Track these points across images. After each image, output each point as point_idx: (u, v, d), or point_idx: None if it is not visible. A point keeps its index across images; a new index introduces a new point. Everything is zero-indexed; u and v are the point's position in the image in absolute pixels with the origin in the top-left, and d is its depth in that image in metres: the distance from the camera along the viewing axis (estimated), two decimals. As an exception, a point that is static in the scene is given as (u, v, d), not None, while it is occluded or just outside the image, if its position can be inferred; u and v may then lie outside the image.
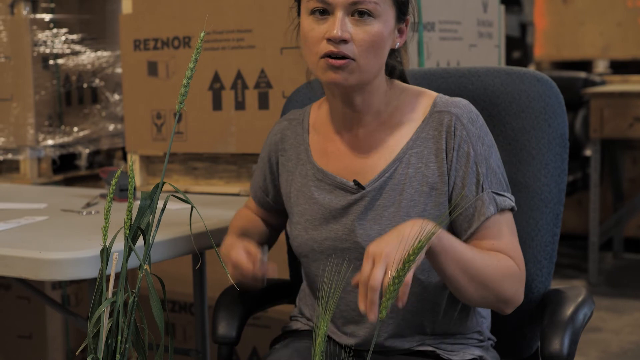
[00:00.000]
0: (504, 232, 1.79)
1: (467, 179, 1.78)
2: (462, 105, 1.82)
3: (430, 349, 1.86)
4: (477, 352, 1.88)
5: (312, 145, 1.94)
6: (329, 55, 1.74)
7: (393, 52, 1.86)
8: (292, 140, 1.98)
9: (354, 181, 1.84)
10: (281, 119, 2.04)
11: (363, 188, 1.83)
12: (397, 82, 1.89)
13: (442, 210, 1.80)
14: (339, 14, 1.73)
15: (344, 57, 1.74)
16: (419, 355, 1.86)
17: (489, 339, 1.95)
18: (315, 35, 1.76)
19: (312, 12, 1.77)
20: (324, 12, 1.75)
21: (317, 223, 1.88)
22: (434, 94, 1.87)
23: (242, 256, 1.87)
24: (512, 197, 1.82)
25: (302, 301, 2.04)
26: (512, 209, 1.81)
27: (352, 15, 1.74)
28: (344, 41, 1.73)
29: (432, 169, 1.80)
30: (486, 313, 1.96)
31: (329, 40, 1.73)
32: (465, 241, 1.78)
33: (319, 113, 1.97)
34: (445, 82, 2.12)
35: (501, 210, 1.78)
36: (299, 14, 1.86)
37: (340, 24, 1.73)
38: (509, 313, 1.81)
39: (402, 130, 1.84)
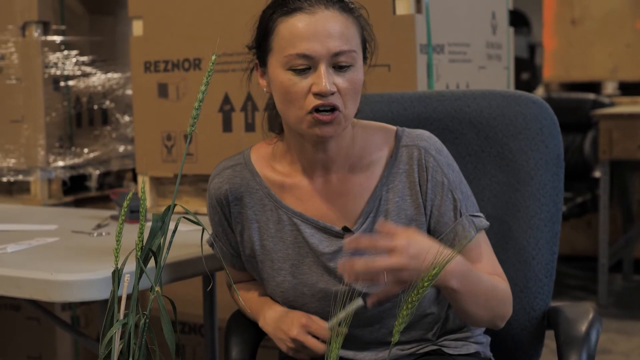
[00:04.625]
0: (484, 252, 1.83)
1: (443, 206, 1.81)
2: (427, 137, 1.85)
3: (434, 347, 1.90)
4: (480, 348, 1.94)
5: (274, 190, 1.88)
6: (317, 110, 1.71)
7: None
8: (244, 188, 1.90)
9: (344, 228, 1.83)
10: (217, 173, 1.93)
11: (352, 232, 1.83)
12: (355, 120, 1.87)
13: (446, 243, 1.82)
14: (323, 67, 1.70)
15: (332, 110, 1.71)
16: (424, 355, 1.90)
17: (485, 333, 2.00)
18: (298, 91, 1.72)
19: (291, 68, 1.72)
20: (304, 68, 1.72)
21: (307, 267, 1.86)
22: (393, 127, 1.89)
23: (311, 340, 1.78)
24: (483, 216, 1.86)
25: None
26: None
27: (333, 67, 1.72)
28: (332, 93, 1.71)
29: (408, 202, 1.83)
30: None
31: (317, 94, 1.70)
32: None
33: (270, 162, 1.91)
34: (441, 104, 2.12)
35: (479, 230, 1.83)
36: (261, 63, 1.82)
37: (327, 77, 1.70)
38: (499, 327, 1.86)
39: (372, 169, 1.85)
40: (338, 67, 1.72)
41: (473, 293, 1.71)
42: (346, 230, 1.83)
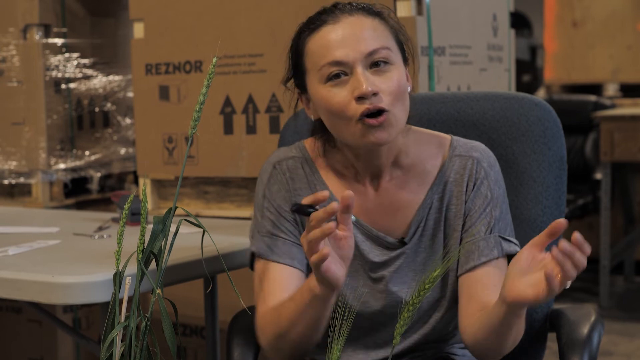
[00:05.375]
0: (501, 281, 1.71)
1: (478, 218, 1.79)
2: (482, 149, 1.84)
3: (442, 355, 1.89)
4: None
5: (332, 189, 1.84)
6: (366, 115, 1.67)
7: None
8: (304, 180, 1.85)
9: (400, 240, 1.81)
10: (279, 159, 1.88)
11: (405, 244, 1.82)
12: (409, 127, 1.84)
13: (455, 247, 1.81)
14: (359, 69, 1.68)
15: (379, 112, 1.67)
16: None
17: None
18: (340, 101, 1.69)
19: (328, 79, 1.70)
20: (340, 74, 1.70)
21: (353, 269, 1.81)
22: (447, 136, 1.87)
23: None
24: (517, 242, 1.82)
25: None
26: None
27: (370, 68, 1.69)
28: (375, 95, 1.67)
29: (453, 211, 1.81)
30: None
31: (360, 98, 1.67)
32: (460, 275, 1.79)
33: (323, 158, 1.87)
34: (444, 106, 2.12)
35: (504, 255, 1.78)
36: (302, 89, 1.80)
37: (365, 79, 1.67)
38: None
39: (425, 177, 1.83)
40: (375, 67, 1.69)
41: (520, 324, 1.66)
42: (402, 242, 1.81)
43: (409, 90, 1.77)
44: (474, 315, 1.75)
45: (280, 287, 1.79)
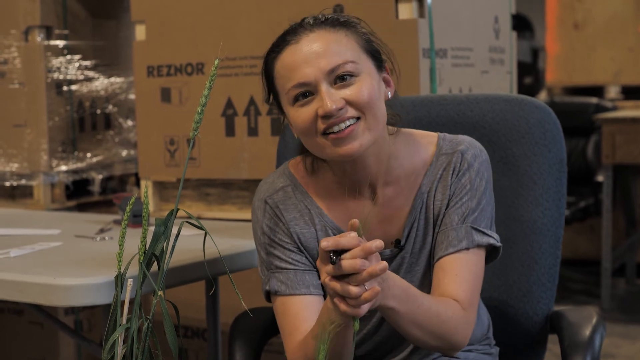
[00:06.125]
0: (461, 273, 1.75)
1: (452, 207, 1.78)
2: (467, 141, 1.83)
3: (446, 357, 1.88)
4: (489, 359, 1.93)
5: (324, 209, 1.83)
6: (330, 131, 1.67)
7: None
8: (297, 207, 1.84)
9: (396, 241, 1.81)
10: (268, 193, 1.85)
11: (402, 248, 1.81)
12: (397, 130, 1.83)
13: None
14: (323, 87, 1.67)
15: (346, 126, 1.67)
16: None
17: (495, 345, 1.99)
18: (306, 119, 1.69)
19: (295, 99, 1.70)
20: (307, 94, 1.69)
21: None
22: (434, 135, 1.86)
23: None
24: (496, 236, 1.80)
25: None
26: (496, 250, 1.81)
27: (335, 83, 1.68)
28: (340, 109, 1.66)
29: (438, 206, 1.80)
30: (489, 321, 1.98)
31: (324, 117, 1.66)
32: (433, 264, 1.79)
33: (311, 178, 1.85)
34: (444, 109, 2.12)
35: (476, 246, 1.77)
36: (280, 110, 1.80)
37: (329, 97, 1.66)
38: (453, 355, 1.80)
39: (414, 177, 1.82)
40: (340, 82, 1.68)
41: (411, 314, 1.64)
42: (397, 244, 1.81)
43: (389, 95, 1.77)
44: None
45: (303, 319, 1.79)
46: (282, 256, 1.82)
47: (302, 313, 1.79)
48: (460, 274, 1.75)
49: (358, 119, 1.68)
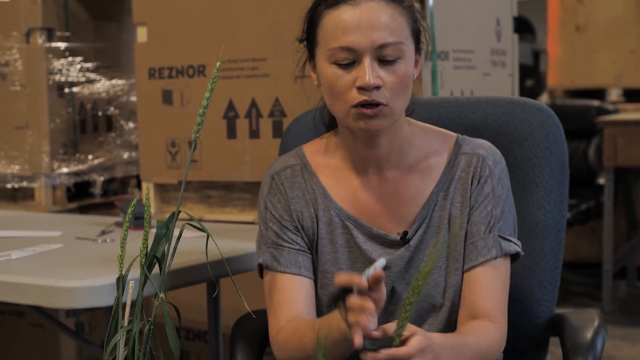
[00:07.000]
0: (491, 285, 1.76)
1: (478, 216, 1.78)
2: (488, 147, 1.83)
3: None
4: None
5: (329, 190, 1.84)
6: (362, 105, 1.68)
7: None
8: (302, 186, 1.85)
9: (404, 233, 1.80)
10: (278, 169, 1.87)
11: (407, 241, 1.80)
12: (413, 120, 1.86)
13: (461, 246, 1.80)
14: (367, 60, 1.67)
15: (376, 104, 1.68)
16: None
17: None
18: (343, 84, 1.70)
19: (335, 60, 1.70)
20: (348, 58, 1.69)
21: (356, 272, 1.81)
22: (453, 134, 1.87)
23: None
24: (519, 243, 1.82)
25: None
26: (516, 255, 1.81)
27: (379, 59, 1.69)
28: (377, 88, 1.68)
29: (458, 208, 1.80)
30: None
31: (361, 88, 1.68)
32: (462, 273, 1.78)
33: (324, 158, 1.87)
34: (446, 111, 2.12)
35: (504, 255, 1.78)
36: (311, 55, 1.80)
37: (371, 71, 1.67)
38: None
39: (429, 173, 1.82)
40: (384, 60, 1.69)
41: None
42: (404, 236, 1.80)
43: (414, 76, 1.77)
44: (461, 320, 1.76)
45: (291, 298, 1.80)
46: (280, 232, 1.83)
47: (291, 292, 1.80)
48: (490, 285, 1.76)
49: (386, 104, 1.69)
